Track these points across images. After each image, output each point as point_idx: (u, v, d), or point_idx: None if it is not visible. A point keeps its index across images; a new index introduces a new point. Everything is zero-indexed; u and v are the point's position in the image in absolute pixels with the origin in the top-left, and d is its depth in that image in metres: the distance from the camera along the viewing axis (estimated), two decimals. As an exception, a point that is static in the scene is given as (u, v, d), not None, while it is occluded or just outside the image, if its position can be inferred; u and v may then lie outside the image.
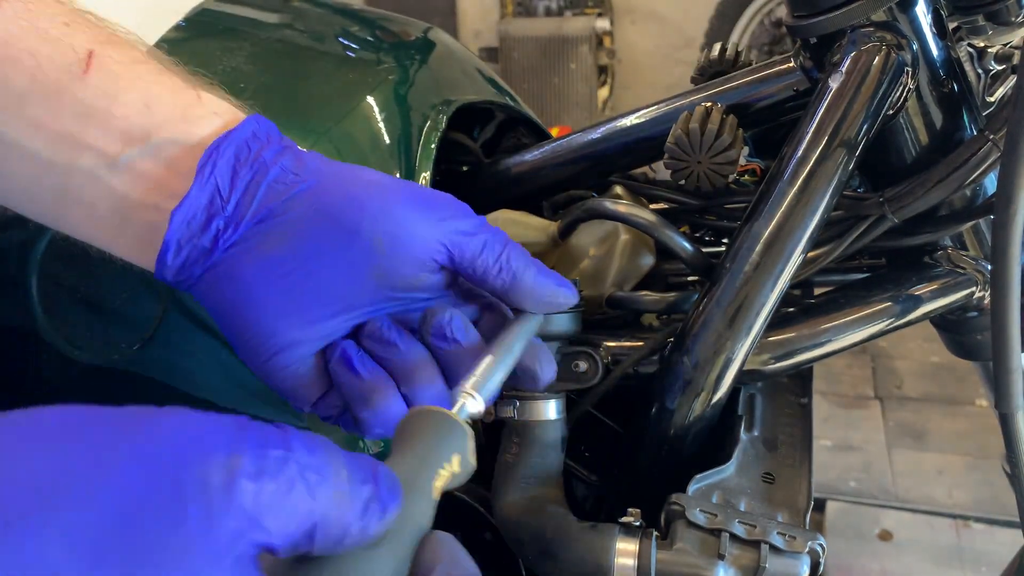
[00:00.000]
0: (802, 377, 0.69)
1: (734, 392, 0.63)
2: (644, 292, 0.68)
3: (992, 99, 0.65)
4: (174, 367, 0.59)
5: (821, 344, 0.62)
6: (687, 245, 0.62)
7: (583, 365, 0.59)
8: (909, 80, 0.57)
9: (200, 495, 0.26)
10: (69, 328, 0.60)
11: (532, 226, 0.68)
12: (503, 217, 0.67)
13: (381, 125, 0.64)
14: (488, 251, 0.47)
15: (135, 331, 0.59)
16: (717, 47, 0.74)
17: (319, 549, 0.29)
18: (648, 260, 0.72)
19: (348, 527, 0.29)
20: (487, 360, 0.45)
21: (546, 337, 0.58)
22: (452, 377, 0.47)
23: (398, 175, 0.63)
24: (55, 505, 0.25)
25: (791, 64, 0.64)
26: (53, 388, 0.61)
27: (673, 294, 0.66)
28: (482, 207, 0.71)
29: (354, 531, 0.29)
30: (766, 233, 0.56)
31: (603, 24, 3.98)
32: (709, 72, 0.73)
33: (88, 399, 0.61)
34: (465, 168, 0.82)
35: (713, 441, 0.62)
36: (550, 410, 0.61)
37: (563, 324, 0.58)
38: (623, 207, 0.63)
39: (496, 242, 0.48)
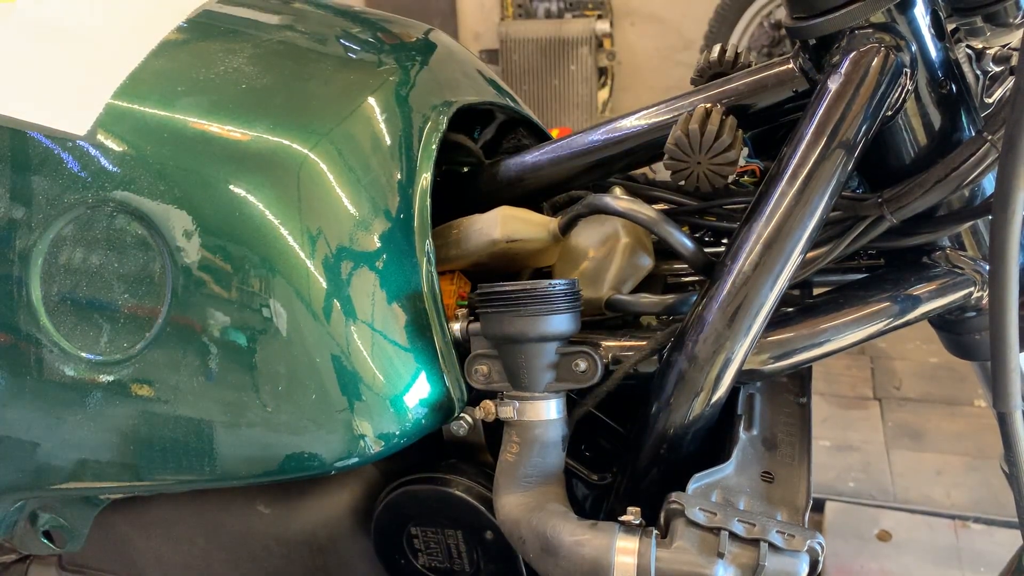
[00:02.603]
0: (801, 377, 0.69)
1: (733, 391, 0.63)
2: (643, 295, 0.68)
3: (990, 100, 0.66)
4: (171, 369, 0.59)
5: (820, 344, 0.62)
6: (687, 242, 0.63)
7: (582, 364, 0.60)
8: (907, 81, 0.57)
9: None
10: (70, 328, 0.60)
11: (533, 222, 0.68)
12: (504, 213, 0.68)
13: (382, 126, 0.65)
14: None
15: (138, 328, 0.59)
16: (716, 49, 0.74)
17: None
18: (647, 262, 0.72)
19: None
20: None
21: (545, 337, 0.59)
22: None
23: (398, 176, 0.64)
24: None
25: (790, 66, 0.64)
26: (54, 387, 0.61)
27: (671, 296, 0.66)
28: (483, 208, 0.71)
29: None
30: (765, 233, 0.56)
31: (603, 26, 3.98)
32: (709, 74, 0.73)
33: (87, 399, 0.61)
34: (466, 169, 0.82)
35: (712, 440, 0.62)
36: (550, 410, 0.61)
37: (562, 324, 0.58)
38: (624, 203, 0.64)
39: None
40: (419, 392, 0.61)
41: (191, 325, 0.58)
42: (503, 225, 0.67)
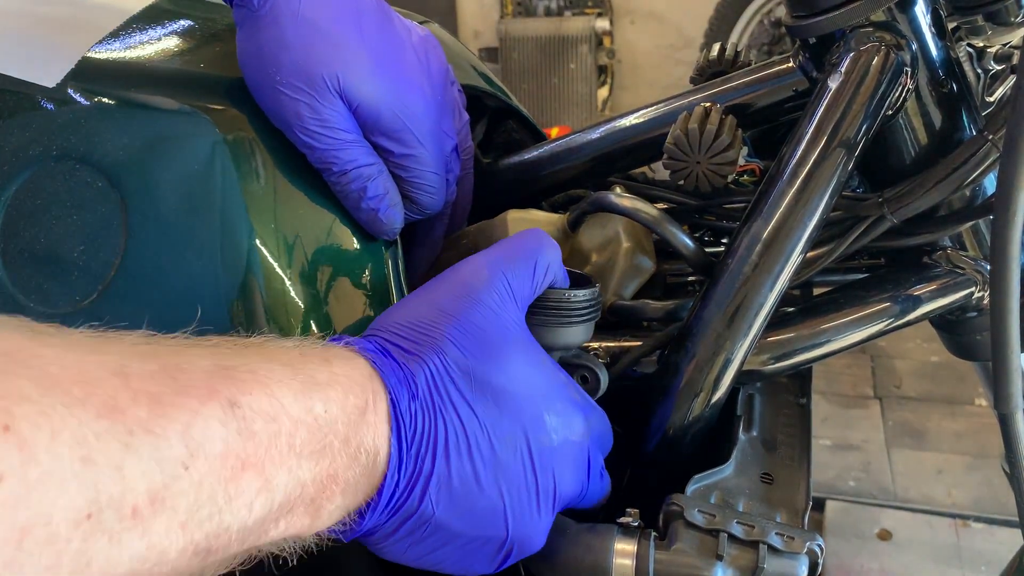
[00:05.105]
0: (801, 377, 0.69)
1: (733, 392, 0.63)
2: (646, 300, 0.68)
3: (991, 99, 0.65)
4: (128, 319, 0.58)
5: (820, 344, 0.62)
6: (688, 242, 0.62)
7: (587, 377, 0.58)
8: (908, 80, 0.57)
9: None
10: (26, 281, 0.60)
11: (541, 221, 0.68)
12: (513, 216, 0.67)
13: None
14: None
15: (90, 283, 0.58)
16: (716, 47, 0.74)
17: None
18: (648, 265, 0.72)
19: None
20: None
21: (554, 348, 0.55)
22: None
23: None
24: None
25: (790, 64, 0.64)
26: None
27: (672, 302, 0.66)
28: (480, 208, 0.71)
29: None
30: (765, 233, 0.55)
31: (603, 24, 3.98)
32: (708, 72, 0.73)
33: None
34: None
35: (712, 441, 0.62)
36: None
37: (574, 336, 0.55)
38: (627, 201, 0.63)
39: None
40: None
41: (146, 274, 0.57)
42: (513, 229, 0.66)
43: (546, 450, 0.48)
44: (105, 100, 0.59)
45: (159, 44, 0.63)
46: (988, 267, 0.62)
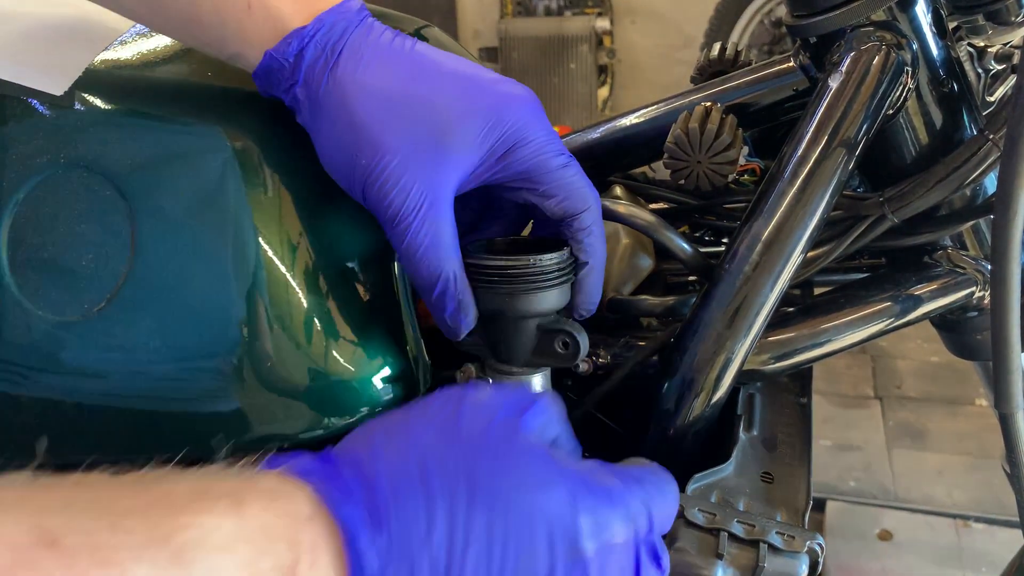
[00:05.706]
0: (801, 377, 0.69)
1: (733, 392, 0.63)
2: (644, 296, 0.68)
3: (992, 99, 0.65)
4: (136, 327, 0.58)
5: (821, 344, 0.62)
6: (686, 246, 0.62)
7: (567, 342, 0.56)
8: (909, 80, 0.57)
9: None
10: (33, 288, 0.60)
11: None
12: None
13: None
14: None
15: (98, 291, 0.58)
16: (717, 47, 0.74)
17: None
18: (647, 262, 0.72)
19: None
20: None
21: (528, 315, 0.55)
22: None
23: None
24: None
25: (791, 64, 0.64)
26: (15, 347, 0.61)
27: (672, 298, 0.66)
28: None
29: None
30: (766, 233, 0.55)
31: (603, 24, 3.98)
32: (709, 72, 0.73)
33: (50, 358, 0.61)
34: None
35: (712, 441, 0.62)
36: (535, 386, 0.59)
37: (551, 301, 0.55)
38: (622, 208, 0.63)
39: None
40: (384, 370, 0.60)
41: (154, 285, 0.57)
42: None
43: (579, 562, 0.39)
44: (112, 108, 0.59)
45: (166, 52, 0.63)
46: (988, 267, 0.62)
